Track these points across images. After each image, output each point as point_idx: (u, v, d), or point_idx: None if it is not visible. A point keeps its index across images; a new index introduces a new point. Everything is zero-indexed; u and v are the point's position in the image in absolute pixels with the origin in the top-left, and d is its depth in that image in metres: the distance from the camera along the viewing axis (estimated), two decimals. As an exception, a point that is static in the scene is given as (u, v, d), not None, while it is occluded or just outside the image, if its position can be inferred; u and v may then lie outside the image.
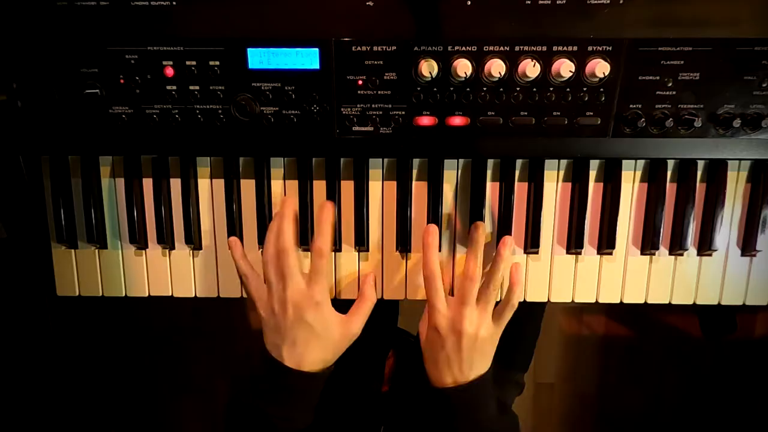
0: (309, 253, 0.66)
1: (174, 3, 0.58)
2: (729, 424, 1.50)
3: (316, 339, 0.60)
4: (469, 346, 0.60)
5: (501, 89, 0.59)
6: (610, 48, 0.58)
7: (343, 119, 0.61)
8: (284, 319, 0.59)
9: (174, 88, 0.60)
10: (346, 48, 0.59)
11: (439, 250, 0.67)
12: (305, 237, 0.66)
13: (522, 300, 0.68)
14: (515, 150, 0.63)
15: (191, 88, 0.60)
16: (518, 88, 0.59)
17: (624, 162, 0.64)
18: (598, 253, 0.67)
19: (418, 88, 0.60)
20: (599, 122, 0.60)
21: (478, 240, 0.62)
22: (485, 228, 0.64)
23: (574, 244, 0.66)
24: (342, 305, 0.65)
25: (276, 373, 0.60)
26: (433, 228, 0.63)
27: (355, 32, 0.58)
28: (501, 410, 0.65)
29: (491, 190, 0.66)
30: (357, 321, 0.63)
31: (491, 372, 0.63)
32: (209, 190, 0.67)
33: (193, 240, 0.67)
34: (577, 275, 0.68)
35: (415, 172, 0.66)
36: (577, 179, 0.65)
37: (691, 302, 0.68)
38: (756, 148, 0.61)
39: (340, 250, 0.67)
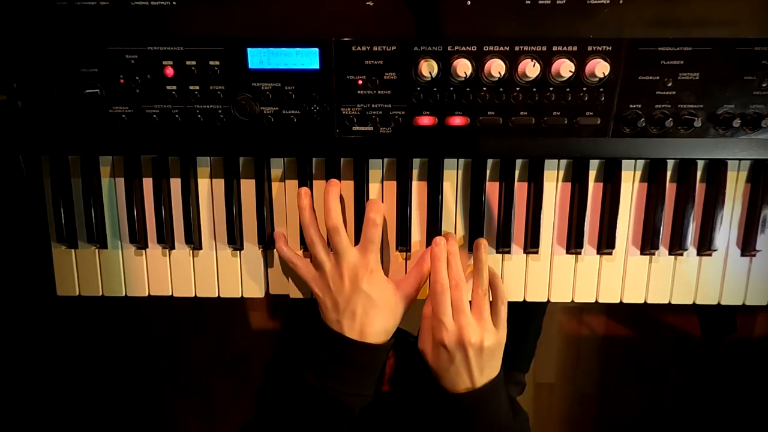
0: (307, 252, 0.67)
1: (174, 3, 0.58)
2: (729, 424, 1.50)
3: (375, 307, 0.62)
4: (476, 356, 0.60)
5: (501, 89, 0.59)
6: (610, 48, 0.58)
7: (343, 119, 0.61)
8: (342, 293, 0.61)
9: (174, 88, 0.60)
10: (346, 48, 0.59)
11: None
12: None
13: (523, 299, 0.69)
14: (515, 150, 0.63)
15: (191, 88, 0.60)
16: (518, 88, 0.59)
17: (624, 162, 0.64)
18: (598, 253, 0.67)
19: (418, 88, 0.60)
20: (599, 122, 0.60)
21: (453, 251, 0.63)
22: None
23: (573, 244, 0.66)
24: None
25: (340, 348, 0.61)
26: (442, 240, 0.63)
27: (355, 32, 0.58)
28: (513, 409, 0.65)
29: (491, 190, 0.66)
30: (412, 283, 0.65)
31: (502, 373, 0.63)
32: (209, 190, 0.67)
33: (193, 240, 0.67)
34: (576, 275, 0.68)
35: (415, 172, 0.66)
36: (577, 179, 0.65)
37: (691, 302, 0.68)
38: (756, 148, 0.61)
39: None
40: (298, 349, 0.66)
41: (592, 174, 0.65)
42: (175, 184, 0.66)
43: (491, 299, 0.64)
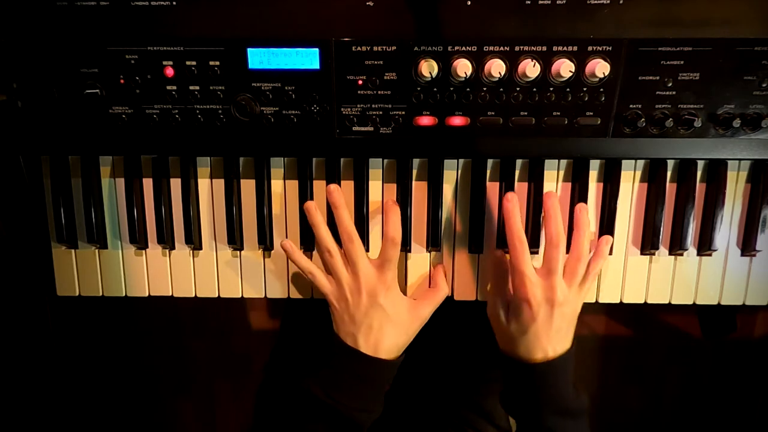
0: (315, 252, 0.68)
1: (174, 3, 0.58)
2: (729, 424, 1.50)
3: (390, 323, 0.61)
4: (560, 316, 0.58)
5: (501, 89, 0.59)
6: (610, 48, 0.58)
7: (343, 119, 0.61)
8: (359, 306, 0.61)
9: (174, 88, 0.60)
10: (346, 48, 0.59)
11: (439, 250, 0.67)
12: (306, 236, 0.66)
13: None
14: (515, 150, 0.63)
15: (191, 88, 0.60)
16: (518, 88, 0.59)
17: (624, 162, 0.64)
18: (598, 253, 0.67)
19: (418, 88, 0.60)
20: (599, 122, 0.60)
21: (554, 206, 0.60)
22: (556, 196, 0.61)
23: (574, 244, 0.66)
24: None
25: (353, 363, 0.60)
26: (512, 195, 0.60)
27: (355, 32, 0.58)
28: (576, 389, 0.62)
29: (491, 190, 0.66)
30: (427, 306, 0.64)
31: (574, 350, 0.61)
32: (209, 190, 0.67)
33: (193, 240, 0.67)
34: (577, 275, 0.67)
35: (415, 172, 0.66)
36: (577, 179, 0.65)
37: (691, 302, 0.68)
38: (756, 148, 0.61)
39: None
40: (299, 353, 0.66)
41: (593, 174, 0.65)
42: (175, 184, 0.66)
43: (588, 268, 0.61)
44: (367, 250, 0.67)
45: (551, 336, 0.59)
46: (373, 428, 0.62)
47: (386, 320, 0.61)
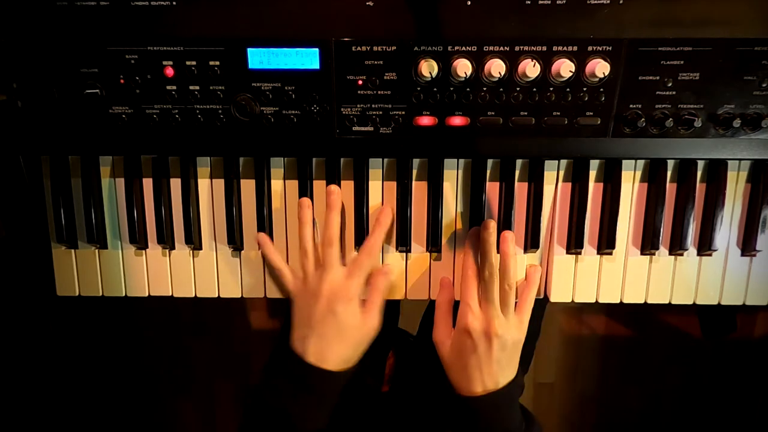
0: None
1: (174, 3, 0.58)
2: (729, 424, 1.50)
3: (341, 334, 0.61)
4: (500, 349, 0.59)
5: (501, 89, 0.59)
6: (610, 48, 0.58)
7: (343, 119, 0.61)
8: (316, 310, 0.61)
9: (174, 88, 0.60)
10: (346, 48, 0.59)
11: (439, 250, 0.67)
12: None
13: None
14: (515, 150, 0.63)
15: (191, 88, 0.60)
16: (518, 88, 0.59)
17: (624, 162, 0.64)
18: (598, 253, 0.67)
19: (418, 88, 0.60)
20: (599, 122, 0.60)
21: (488, 239, 0.61)
22: (494, 226, 0.62)
23: (574, 244, 0.66)
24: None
25: (298, 371, 0.60)
26: (477, 229, 0.62)
27: (355, 32, 0.58)
28: (527, 419, 0.63)
29: (491, 190, 0.66)
30: (372, 312, 0.63)
31: (518, 378, 0.62)
32: (209, 190, 0.67)
33: (193, 240, 0.67)
34: (577, 275, 0.68)
35: (415, 172, 0.66)
36: (577, 179, 0.65)
37: (691, 302, 0.68)
38: (756, 148, 0.61)
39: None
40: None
41: (593, 174, 0.65)
42: (175, 184, 0.66)
43: (518, 295, 0.63)
44: (367, 250, 0.67)
45: (492, 368, 0.59)
46: None
47: (339, 330, 0.60)
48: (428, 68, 0.58)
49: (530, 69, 0.57)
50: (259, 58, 0.59)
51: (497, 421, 0.60)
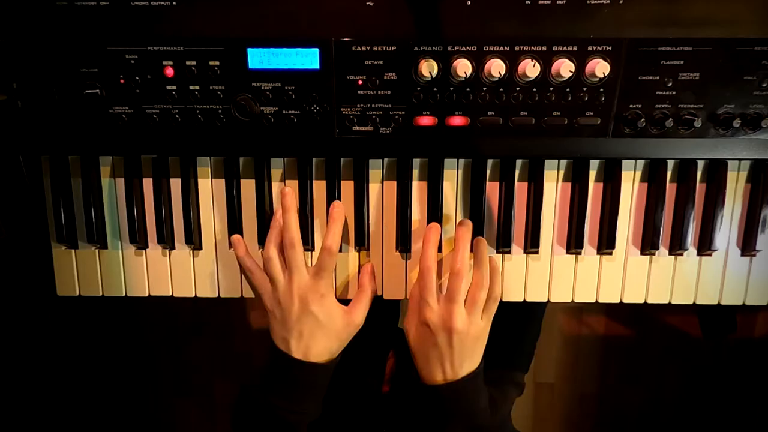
0: (310, 251, 0.67)
1: (174, 3, 0.58)
2: (729, 423, 1.50)
3: (322, 330, 0.62)
4: (459, 342, 0.60)
5: (501, 89, 0.59)
6: (610, 48, 0.58)
7: (343, 119, 0.61)
8: (291, 312, 0.61)
9: (174, 88, 0.60)
10: (346, 48, 0.59)
11: (439, 251, 0.67)
12: (305, 237, 0.66)
13: (523, 299, 0.69)
14: (515, 150, 0.63)
15: (191, 88, 0.60)
16: (518, 88, 0.59)
17: (624, 162, 0.64)
18: (598, 253, 0.67)
19: (418, 88, 0.60)
20: (599, 122, 0.60)
21: (464, 236, 0.62)
22: (470, 224, 0.64)
23: (574, 244, 0.66)
24: (344, 304, 0.65)
25: (284, 366, 0.61)
26: (436, 226, 0.64)
27: (355, 32, 0.58)
28: (492, 408, 0.65)
29: (491, 190, 0.66)
30: (359, 311, 0.65)
31: (482, 369, 0.63)
32: (209, 190, 0.67)
33: (193, 240, 0.67)
34: (577, 275, 0.68)
35: (415, 172, 0.66)
36: (577, 179, 0.65)
37: (691, 302, 0.68)
38: (756, 148, 0.61)
39: (340, 250, 0.67)
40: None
41: (592, 174, 0.65)
42: (175, 184, 0.66)
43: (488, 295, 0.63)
44: (367, 249, 0.67)
45: (453, 360, 0.61)
46: None
47: (318, 327, 0.62)
48: (428, 68, 0.58)
49: (530, 69, 0.57)
50: (259, 58, 0.59)
51: (461, 408, 0.62)
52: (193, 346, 1.49)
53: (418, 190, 0.66)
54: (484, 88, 0.59)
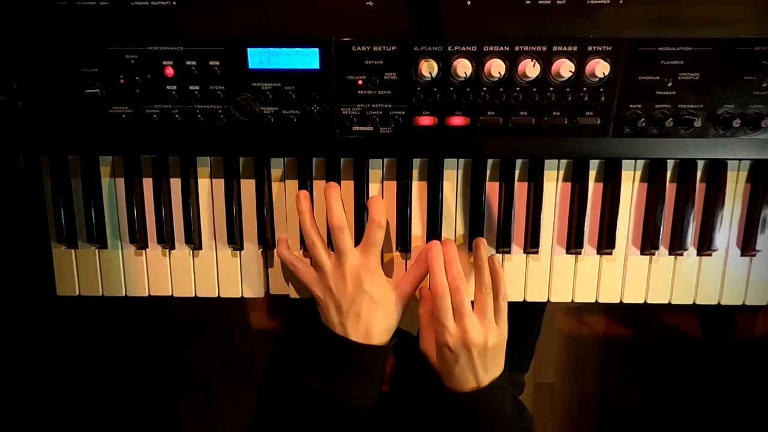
0: (308, 253, 0.66)
1: (174, 3, 0.58)
2: (729, 423, 1.50)
3: (378, 308, 0.62)
4: (481, 355, 0.60)
5: (501, 89, 0.59)
6: (610, 48, 0.58)
7: (343, 119, 0.61)
8: (345, 294, 0.61)
9: (174, 88, 0.60)
10: (346, 48, 0.59)
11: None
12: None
13: (523, 299, 0.69)
14: (515, 150, 0.63)
15: (191, 88, 0.60)
16: (518, 88, 0.59)
17: (624, 162, 0.64)
18: (598, 253, 0.67)
19: (418, 88, 0.60)
20: (599, 122, 0.60)
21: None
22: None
23: (574, 244, 0.66)
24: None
25: (344, 352, 0.61)
26: (437, 243, 0.63)
27: (355, 32, 0.58)
28: (518, 408, 0.65)
29: (491, 190, 0.66)
30: (407, 281, 0.65)
31: (506, 371, 0.64)
32: (209, 190, 0.67)
33: (193, 240, 0.67)
34: (576, 275, 0.68)
35: (415, 172, 0.66)
36: (577, 179, 0.65)
37: (691, 302, 0.68)
38: (756, 148, 0.61)
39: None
40: (299, 351, 0.66)
41: (592, 174, 0.65)
42: (175, 184, 0.66)
43: (493, 296, 0.63)
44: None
45: (477, 372, 0.61)
46: None
47: (374, 305, 0.62)
48: (428, 68, 0.58)
49: (530, 69, 0.57)
50: (259, 58, 0.59)
51: (489, 412, 0.62)
52: (192, 346, 1.49)
53: (418, 190, 0.66)
54: (484, 88, 0.59)
